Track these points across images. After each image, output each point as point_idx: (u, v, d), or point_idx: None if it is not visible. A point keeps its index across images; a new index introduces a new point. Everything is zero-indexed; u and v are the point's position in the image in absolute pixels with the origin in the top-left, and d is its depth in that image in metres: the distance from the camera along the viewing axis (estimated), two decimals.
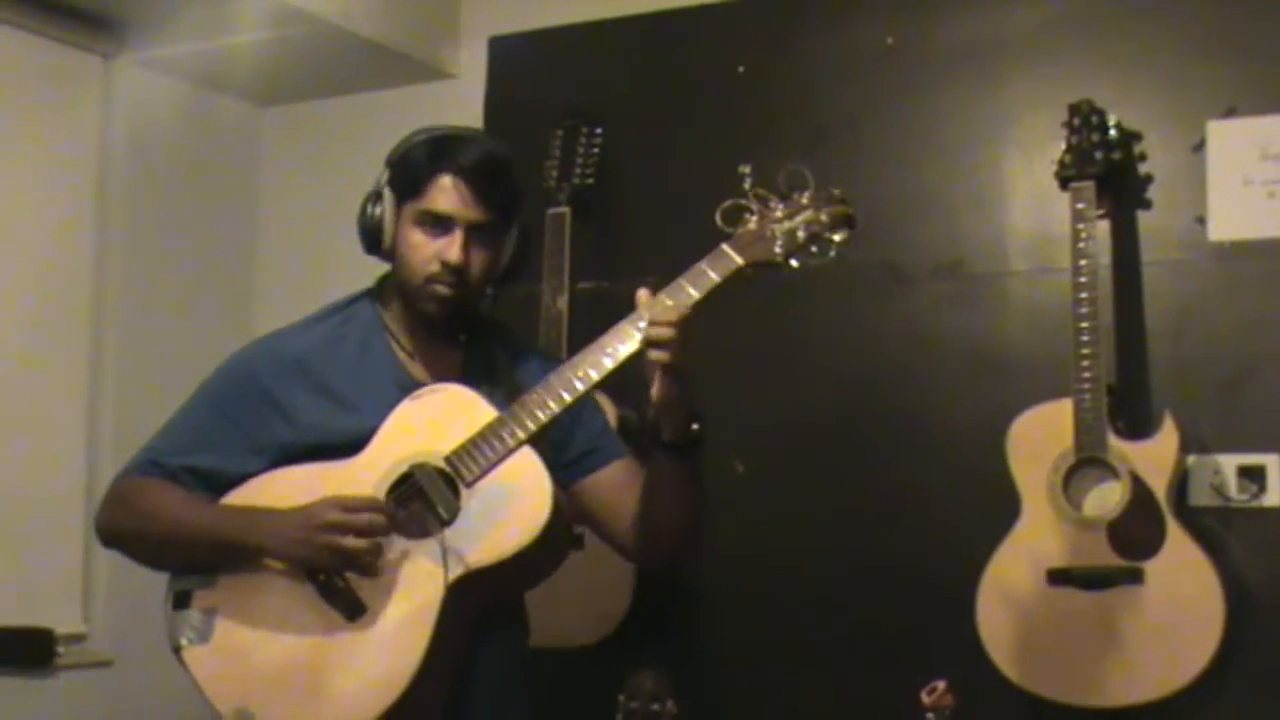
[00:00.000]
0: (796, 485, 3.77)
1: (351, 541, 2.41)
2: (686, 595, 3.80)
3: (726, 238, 2.45)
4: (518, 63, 4.26)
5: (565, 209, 3.85)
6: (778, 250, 2.43)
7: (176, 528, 2.56)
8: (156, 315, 4.34)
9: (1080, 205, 3.29)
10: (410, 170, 2.58)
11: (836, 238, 2.44)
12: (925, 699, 2.68)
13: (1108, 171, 3.33)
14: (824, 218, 2.44)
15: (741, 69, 3.95)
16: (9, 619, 3.93)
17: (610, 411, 3.17)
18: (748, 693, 3.75)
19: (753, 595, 3.77)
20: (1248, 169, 3.40)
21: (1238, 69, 3.45)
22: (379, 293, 2.70)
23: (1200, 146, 3.45)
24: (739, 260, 2.43)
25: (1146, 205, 3.47)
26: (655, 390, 2.41)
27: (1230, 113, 3.43)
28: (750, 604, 3.78)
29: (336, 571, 2.44)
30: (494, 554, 2.40)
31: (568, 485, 2.61)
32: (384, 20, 4.20)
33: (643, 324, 2.40)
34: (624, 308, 2.43)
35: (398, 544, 2.45)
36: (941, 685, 2.68)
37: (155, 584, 2.68)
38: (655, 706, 2.45)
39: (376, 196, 2.62)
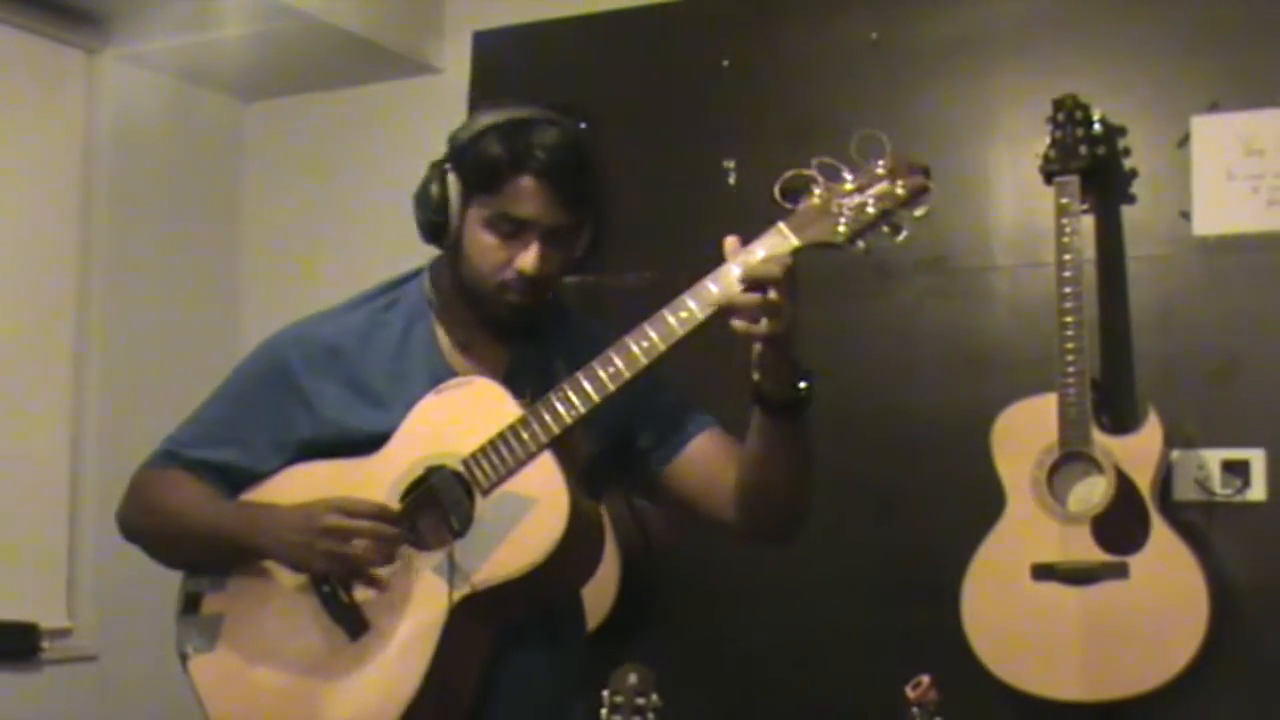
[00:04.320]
0: None
1: (353, 548, 2.23)
2: (671, 590, 3.80)
3: (784, 214, 2.11)
4: (502, 57, 4.24)
5: None
6: (841, 228, 2.08)
7: (181, 523, 2.41)
8: (140, 310, 4.33)
9: (1064, 200, 3.30)
10: (484, 164, 2.26)
11: (917, 213, 2.08)
12: (910, 693, 2.69)
13: (1092, 166, 3.33)
14: (900, 190, 2.07)
15: (726, 63, 3.95)
16: None
17: None
18: (732, 687, 3.75)
19: (737, 589, 3.76)
20: (1231, 164, 3.40)
21: (1221, 64, 3.45)
22: (435, 273, 2.42)
23: (1184, 141, 3.45)
24: (794, 240, 2.09)
25: (1131, 200, 3.48)
26: (756, 354, 2.17)
27: (1214, 107, 3.43)
28: (735, 598, 3.77)
29: (339, 580, 2.28)
30: (502, 573, 2.19)
31: (655, 475, 2.41)
32: (368, 15, 4.19)
33: (718, 287, 2.13)
34: (611, 301, 2.39)
35: (409, 555, 2.26)
36: (926, 680, 2.69)
37: (140, 579, 2.67)
38: (640, 701, 2.44)
39: (441, 177, 2.31)
